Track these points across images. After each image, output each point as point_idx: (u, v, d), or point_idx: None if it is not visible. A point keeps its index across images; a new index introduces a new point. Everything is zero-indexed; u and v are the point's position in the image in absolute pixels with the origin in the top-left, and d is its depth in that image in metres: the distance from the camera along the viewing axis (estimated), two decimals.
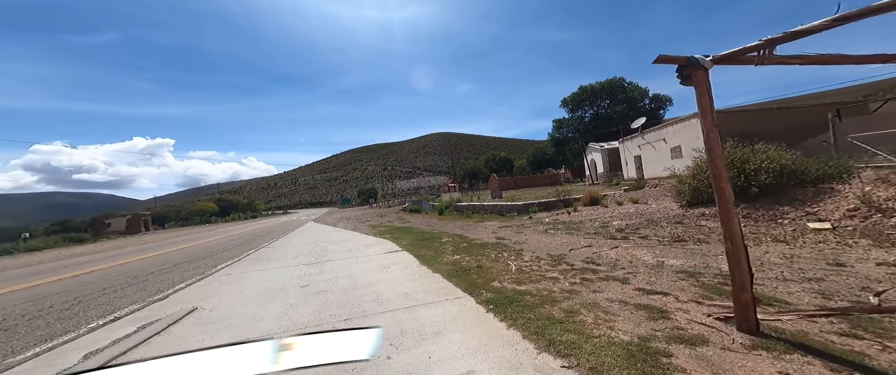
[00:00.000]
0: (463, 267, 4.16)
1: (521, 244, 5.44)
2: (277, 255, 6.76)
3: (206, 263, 6.46)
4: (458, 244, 6.16)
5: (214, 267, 5.78)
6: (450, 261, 4.66)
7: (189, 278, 4.99)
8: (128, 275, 5.70)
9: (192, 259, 7.14)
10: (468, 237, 6.89)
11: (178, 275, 5.28)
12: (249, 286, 4.14)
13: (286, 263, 5.68)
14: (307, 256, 6.29)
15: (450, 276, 3.80)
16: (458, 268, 4.14)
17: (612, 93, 37.46)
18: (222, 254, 7.70)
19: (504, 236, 6.52)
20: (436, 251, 5.66)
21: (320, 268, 5.01)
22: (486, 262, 4.34)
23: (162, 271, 5.87)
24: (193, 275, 5.18)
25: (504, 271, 3.80)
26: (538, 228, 6.93)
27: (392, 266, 4.71)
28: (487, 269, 3.95)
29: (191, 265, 6.26)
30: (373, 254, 5.87)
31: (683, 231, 4.61)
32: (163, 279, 5.08)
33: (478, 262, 4.39)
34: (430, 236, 7.79)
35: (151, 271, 5.94)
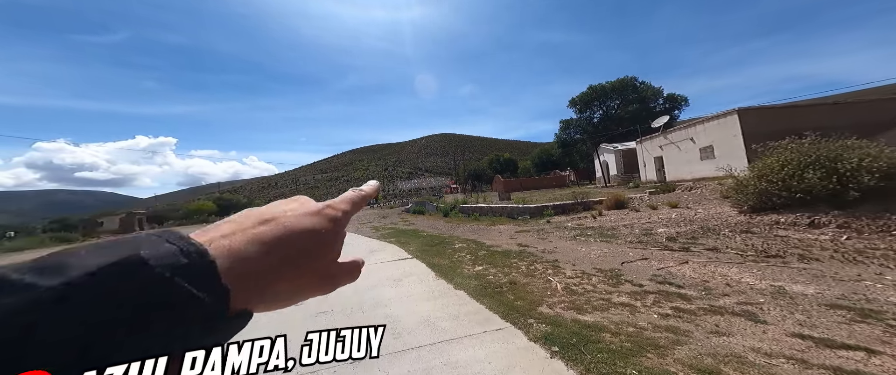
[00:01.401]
0: (492, 283, 3.42)
1: (551, 252, 4.69)
2: None
3: None
4: (475, 251, 5.43)
5: None
6: (472, 274, 3.92)
7: None
8: None
9: None
10: (484, 243, 6.15)
11: None
12: None
13: None
14: None
15: (478, 295, 3.06)
16: (486, 284, 3.40)
17: (623, 93, 36.30)
18: None
19: (526, 242, 5.77)
20: (451, 259, 4.93)
21: None
22: (518, 276, 3.60)
23: None
24: None
25: (547, 290, 3.06)
26: (563, 234, 6.18)
27: (404, 279, 3.98)
28: (524, 287, 3.21)
29: None
30: (379, 262, 5.14)
31: (764, 243, 3.81)
32: None
33: (508, 276, 3.65)
34: (440, 240, 7.06)
35: None
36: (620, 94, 36.53)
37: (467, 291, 3.24)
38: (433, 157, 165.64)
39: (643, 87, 36.57)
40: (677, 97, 36.53)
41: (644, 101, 35.06)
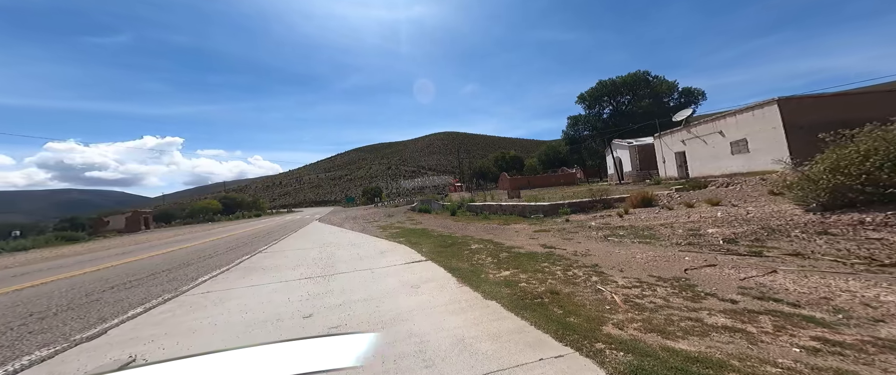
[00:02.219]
0: (527, 292, 2.91)
1: (585, 255, 4.16)
2: (275, 263, 5.60)
3: (186, 273, 5.31)
4: (495, 252, 4.93)
5: (194, 281, 4.62)
6: (499, 280, 3.42)
7: (153, 298, 3.82)
8: (79, 291, 4.55)
9: (173, 267, 6.00)
10: (503, 244, 5.65)
11: (142, 293, 4.12)
12: (228, 316, 2.95)
13: (285, 275, 4.50)
14: (311, 265, 5.12)
15: (516, 307, 2.56)
16: (521, 293, 2.90)
17: (635, 88, 35.11)
18: (211, 260, 6.57)
19: (550, 243, 5.25)
20: (470, 262, 4.44)
21: (328, 284, 3.82)
22: (557, 284, 3.09)
23: (126, 285, 4.72)
24: (161, 293, 4.01)
25: (602, 303, 2.54)
26: (590, 234, 5.64)
27: (422, 286, 3.50)
28: (569, 297, 2.70)
29: (167, 276, 5.12)
30: (391, 265, 4.67)
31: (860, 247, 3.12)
32: (118, 299, 3.91)
33: (543, 283, 3.14)
34: (453, 241, 6.57)
35: (112, 285, 4.79)
36: (632, 89, 35.35)
37: (500, 301, 2.74)
38: (436, 155, 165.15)
39: (657, 81, 35.28)
40: (694, 91, 35.10)
41: (658, 96, 33.90)
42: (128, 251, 10.30)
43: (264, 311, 3.01)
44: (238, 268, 5.39)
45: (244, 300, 3.45)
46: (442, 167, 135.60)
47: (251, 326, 2.65)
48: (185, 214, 44.77)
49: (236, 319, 2.87)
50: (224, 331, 2.57)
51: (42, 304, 3.88)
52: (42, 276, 6.28)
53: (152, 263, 6.82)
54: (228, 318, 2.90)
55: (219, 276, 4.82)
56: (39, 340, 2.65)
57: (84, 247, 14.76)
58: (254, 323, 2.71)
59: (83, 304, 3.75)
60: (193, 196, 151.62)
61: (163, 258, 7.61)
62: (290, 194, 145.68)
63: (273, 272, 4.79)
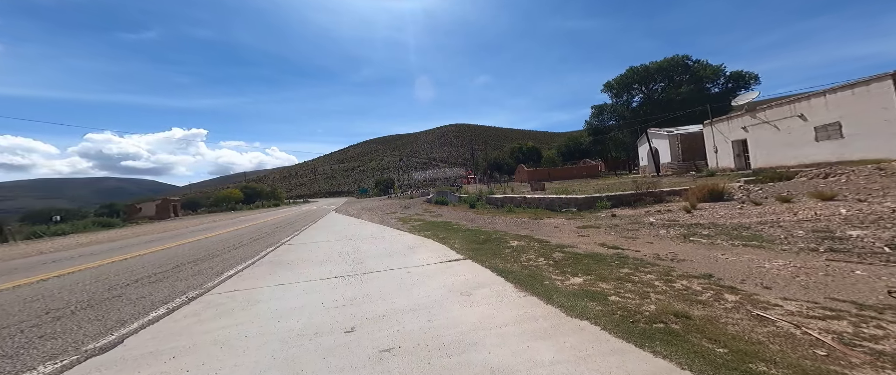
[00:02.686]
0: (632, 311, 2.25)
1: (677, 260, 3.42)
2: (300, 257, 5.25)
3: (211, 267, 5.04)
4: (544, 252, 4.31)
5: (219, 276, 4.30)
6: (574, 289, 2.82)
7: (177, 296, 3.50)
8: (102, 284, 4.32)
9: (198, 259, 5.79)
10: (548, 241, 5.02)
11: (166, 289, 3.81)
12: (260, 324, 2.53)
13: (312, 273, 4.10)
14: (338, 261, 4.71)
15: (629, 333, 1.94)
16: (622, 311, 2.25)
17: (671, 74, 32.17)
18: (236, 252, 6.33)
19: (611, 242, 4.57)
20: (519, 263, 3.86)
21: (362, 287, 3.36)
22: (670, 301, 2.38)
23: (150, 278, 4.47)
24: (186, 290, 3.69)
25: (790, 340, 1.78)
26: (657, 232, 4.88)
27: (474, 293, 2.96)
28: (716, 325, 1.98)
29: (191, 269, 4.86)
30: (426, 263, 4.17)
31: None
32: (141, 296, 3.62)
33: (647, 298, 2.46)
34: (486, 236, 6.00)
35: (137, 278, 4.55)
36: (667, 75, 32.42)
37: (596, 322, 2.13)
38: (447, 147, 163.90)
39: (698, 66, 31.76)
40: (745, 75, 31.03)
41: (699, 81, 30.71)
42: (156, 239, 10.44)
43: (299, 320, 2.57)
44: (264, 262, 5.07)
45: (274, 303, 3.04)
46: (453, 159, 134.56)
47: (287, 342, 2.20)
48: (209, 202, 46.70)
49: (269, 329, 2.44)
50: (257, 349, 2.12)
51: (62, 299, 3.65)
52: (71, 264, 6.26)
53: (178, 253, 6.68)
54: (260, 328, 2.48)
55: (245, 271, 4.50)
56: (48, 349, 2.32)
57: (117, 233, 15.34)
58: (289, 337, 2.26)
59: (104, 300, 3.47)
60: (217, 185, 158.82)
61: (189, 247, 7.50)
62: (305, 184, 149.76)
63: (300, 268, 4.41)
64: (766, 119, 13.35)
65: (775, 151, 12.81)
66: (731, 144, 15.29)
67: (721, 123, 16.25)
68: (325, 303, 2.94)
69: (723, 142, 15.73)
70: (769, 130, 13.19)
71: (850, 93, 10.65)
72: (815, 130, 11.74)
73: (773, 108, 13.40)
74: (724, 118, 16.12)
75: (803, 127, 11.85)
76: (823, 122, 11.45)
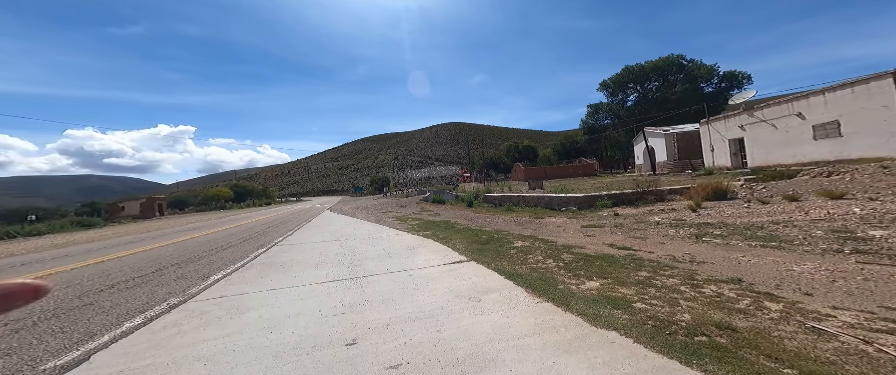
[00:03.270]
0: (664, 321, 2.04)
1: (696, 262, 3.25)
2: (294, 258, 4.96)
3: (196, 270, 4.71)
4: (552, 253, 4.14)
5: (204, 280, 3.99)
6: (592, 294, 2.64)
7: (157, 303, 3.20)
8: (73, 290, 3.96)
9: (182, 262, 5.43)
10: (554, 242, 4.86)
11: (144, 295, 3.50)
12: (250, 336, 2.28)
13: (307, 276, 3.83)
14: (335, 263, 4.45)
15: (669, 347, 1.72)
16: (654, 321, 2.05)
17: (666, 73, 32.53)
18: (224, 254, 5.99)
19: (620, 243, 4.42)
20: (527, 264, 3.68)
21: (362, 291, 3.13)
22: (705, 309, 2.19)
23: (128, 283, 4.13)
24: (167, 296, 3.39)
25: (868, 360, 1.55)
26: (666, 232, 4.75)
27: (484, 298, 2.76)
28: (769, 339, 1.78)
29: (174, 273, 4.52)
30: (429, 265, 3.96)
31: None
32: (115, 303, 3.30)
33: (676, 306, 2.27)
34: (488, 236, 5.81)
35: (113, 282, 4.20)
36: (662, 74, 32.75)
37: (627, 334, 1.93)
38: (443, 146, 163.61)
39: (692, 65, 32.15)
40: (738, 75, 31.50)
41: (693, 81, 31.14)
42: (138, 240, 9.93)
43: (293, 330, 2.32)
44: (254, 265, 4.77)
45: (266, 310, 2.78)
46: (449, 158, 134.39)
47: (281, 357, 1.95)
48: (197, 201, 45.38)
49: (260, 342, 2.18)
50: (247, 366, 1.87)
51: (25, 308, 3.30)
52: (42, 267, 5.82)
53: (161, 255, 6.29)
54: (250, 340, 2.22)
55: (233, 274, 4.19)
56: None
57: (97, 233, 14.63)
58: (283, 352, 2.01)
59: (73, 309, 3.14)
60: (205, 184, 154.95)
61: (173, 248, 7.10)
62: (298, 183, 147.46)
63: (294, 271, 4.13)
64: (764, 118, 13.41)
65: (773, 149, 12.93)
66: (728, 142, 15.41)
67: (718, 121, 16.29)
68: (323, 310, 2.69)
69: (719, 141, 15.85)
70: (767, 128, 13.26)
71: (849, 91, 10.68)
72: (813, 128, 11.76)
73: (770, 106, 13.43)
74: (721, 117, 16.16)
75: (801, 126, 11.94)
76: (822, 120, 11.48)
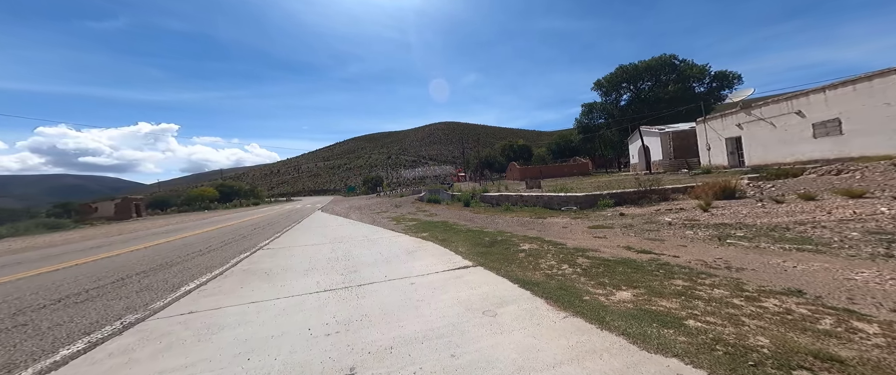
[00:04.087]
0: (761, 352, 1.62)
1: (732, 269, 2.93)
2: (281, 264, 4.48)
3: (165, 279, 4.17)
4: (566, 258, 3.82)
5: (173, 292, 3.48)
6: (628, 308, 2.31)
7: (109, 322, 2.69)
8: (8, 306, 3.38)
9: (150, 269, 4.86)
10: (564, 244, 4.55)
11: (96, 311, 2.98)
12: (220, 365, 1.83)
13: (295, 285, 3.38)
14: (327, 269, 4.01)
15: None
16: (725, 346, 1.66)
17: (658, 73, 33.05)
18: (201, 259, 5.43)
19: (637, 245, 4.13)
20: (541, 271, 3.34)
21: (358, 303, 2.72)
22: (806, 338, 1.73)
23: (80, 295, 3.58)
24: (123, 313, 2.87)
25: None
26: (683, 233, 4.48)
27: (500, 312, 2.40)
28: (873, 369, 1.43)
29: (139, 283, 3.97)
30: (431, 271, 3.58)
31: None
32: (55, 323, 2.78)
33: (743, 326, 1.88)
34: (490, 238, 5.46)
35: (61, 296, 3.64)
36: (654, 74, 33.30)
37: (695, 363, 1.56)
38: (437, 145, 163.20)
39: (684, 65, 32.80)
40: (728, 75, 32.24)
41: (685, 80, 31.82)
42: (107, 244, 9.11)
43: (277, 356, 1.89)
44: (235, 272, 4.26)
45: (243, 329, 2.33)
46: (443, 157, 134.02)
47: None
48: (180, 201, 43.44)
49: (233, 371, 1.74)
50: None
51: None
52: None
53: (128, 261, 5.66)
54: (221, 371, 1.78)
55: (209, 284, 3.69)
56: None
57: (63, 237, 13.56)
58: None
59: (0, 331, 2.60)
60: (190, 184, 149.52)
61: (143, 253, 6.44)
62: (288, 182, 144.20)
63: (280, 279, 3.66)
64: (762, 116, 13.43)
65: (771, 148, 13.05)
66: (725, 141, 15.47)
67: (714, 120, 16.30)
68: (313, 329, 2.27)
69: (716, 139, 15.98)
70: (765, 127, 13.28)
71: (851, 89, 10.68)
72: (813, 126, 11.72)
73: (769, 105, 13.47)
74: (718, 116, 16.17)
75: (801, 124, 11.95)
76: (822, 118, 11.44)
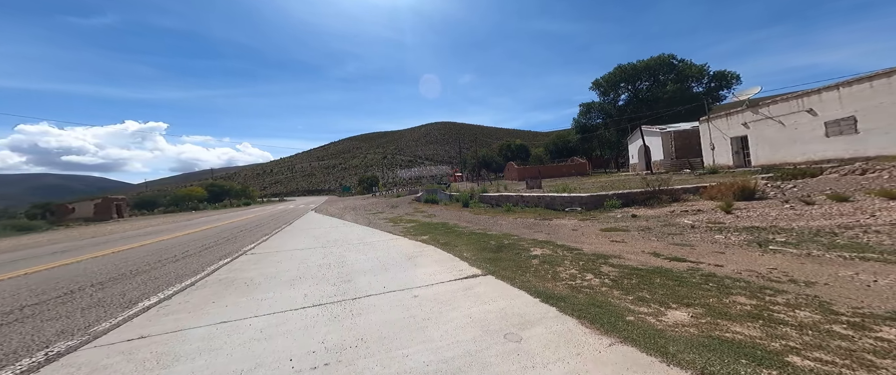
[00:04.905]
0: None
1: (815, 284, 2.43)
2: (265, 272, 3.95)
3: (124, 291, 3.60)
4: (587, 265, 3.40)
5: (128, 308, 2.92)
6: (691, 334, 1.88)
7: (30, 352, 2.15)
8: None
9: (112, 279, 4.27)
10: (580, 249, 4.14)
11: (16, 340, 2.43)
12: None
13: (278, 299, 2.87)
14: (317, 278, 3.51)
15: None
16: None
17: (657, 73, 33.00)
18: (173, 266, 4.84)
19: (665, 252, 3.73)
20: (562, 281, 2.92)
21: (353, 323, 2.24)
22: None
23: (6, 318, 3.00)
24: (51, 341, 2.32)
25: None
26: (715, 238, 4.06)
27: (524, 335, 1.96)
28: None
29: (89, 297, 3.40)
30: (435, 281, 3.12)
31: None
32: None
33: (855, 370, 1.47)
34: (497, 242, 5.03)
35: None
36: (653, 74, 33.26)
37: None
38: (433, 145, 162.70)
39: (683, 65, 32.90)
40: (727, 75, 32.47)
41: (685, 80, 31.85)
42: (73, 248, 8.34)
43: None
44: (209, 282, 3.71)
45: (205, 360, 1.82)
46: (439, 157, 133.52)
47: None
48: (166, 201, 41.93)
49: None
50: None
51: None
52: None
53: (88, 269, 5.02)
54: None
55: (175, 298, 3.14)
56: None
57: (31, 240, 12.62)
58: None
59: None
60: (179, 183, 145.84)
61: (108, 260, 5.78)
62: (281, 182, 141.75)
63: (262, 291, 3.14)
64: (770, 115, 13.16)
65: (780, 147, 12.84)
66: (730, 140, 15.21)
67: (719, 119, 16.02)
68: (296, 360, 1.78)
69: (721, 139, 15.75)
70: (773, 125, 13.01)
71: (867, 86, 10.45)
72: (825, 125, 11.34)
73: (777, 103, 13.21)
74: (722, 114, 15.89)
75: (812, 122, 11.62)
76: (835, 116, 11.09)
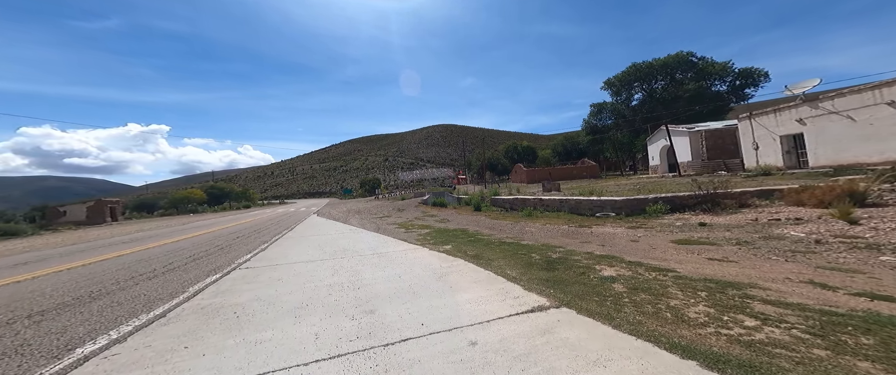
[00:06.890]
0: None
1: None
2: (261, 296, 3.03)
3: (68, 326, 2.70)
4: (725, 301, 2.50)
5: (58, 359, 1.99)
6: None
7: None
8: None
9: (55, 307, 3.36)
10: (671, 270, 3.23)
11: None
12: None
13: (278, 343, 1.93)
14: (328, 304, 2.63)
15: None
16: None
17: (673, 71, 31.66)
18: (149, 285, 3.92)
19: (832, 281, 2.78)
20: (715, 332, 2.03)
21: None
22: None
23: None
24: None
25: None
26: (880, 259, 2.98)
27: None
28: None
29: (14, 337, 2.47)
30: (491, 316, 2.20)
31: None
32: None
33: None
34: (540, 255, 4.12)
35: None
36: (669, 72, 31.96)
37: None
38: (434, 147, 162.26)
39: (703, 63, 31.24)
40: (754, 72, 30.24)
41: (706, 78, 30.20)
42: (40, 258, 7.28)
43: None
44: (186, 312, 2.78)
45: None
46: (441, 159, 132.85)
47: None
48: (165, 204, 41.11)
49: None
50: None
51: None
52: None
53: (37, 288, 4.09)
54: None
55: (130, 339, 2.20)
56: None
57: (3, 246, 11.75)
58: None
59: None
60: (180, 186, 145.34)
61: (71, 276, 4.83)
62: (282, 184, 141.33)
63: (255, 329, 2.22)
64: (835, 109, 12.01)
65: (848, 145, 11.73)
66: (780, 139, 14.07)
67: (765, 116, 14.91)
68: None
69: (767, 137, 14.63)
70: (838, 121, 11.90)
71: None
72: None
73: (845, 96, 12.04)
74: (771, 111, 14.77)
75: (893, 116, 10.52)
76: None
